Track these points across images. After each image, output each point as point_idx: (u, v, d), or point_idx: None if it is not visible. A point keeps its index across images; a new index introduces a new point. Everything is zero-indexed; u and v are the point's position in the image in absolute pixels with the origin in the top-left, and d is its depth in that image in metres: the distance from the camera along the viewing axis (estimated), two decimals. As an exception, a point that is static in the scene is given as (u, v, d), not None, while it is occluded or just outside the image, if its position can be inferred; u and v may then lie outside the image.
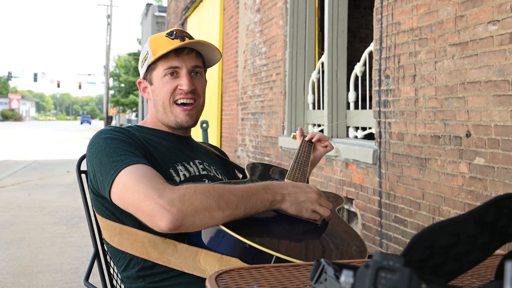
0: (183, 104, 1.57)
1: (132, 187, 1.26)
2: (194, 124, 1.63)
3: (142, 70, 1.64)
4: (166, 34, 1.58)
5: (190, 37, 1.59)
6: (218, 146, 8.94)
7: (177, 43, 1.53)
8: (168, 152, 1.55)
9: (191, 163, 1.57)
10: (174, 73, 1.56)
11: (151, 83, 1.61)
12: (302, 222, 1.36)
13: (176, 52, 1.55)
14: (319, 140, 1.89)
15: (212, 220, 1.22)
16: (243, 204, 1.26)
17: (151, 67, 1.59)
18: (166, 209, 1.19)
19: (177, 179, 1.48)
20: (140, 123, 1.69)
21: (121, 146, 1.38)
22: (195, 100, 1.59)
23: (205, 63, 1.67)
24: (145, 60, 1.60)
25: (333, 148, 1.91)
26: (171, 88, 1.56)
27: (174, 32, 1.58)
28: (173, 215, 1.19)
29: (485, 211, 0.69)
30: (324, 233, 1.36)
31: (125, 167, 1.30)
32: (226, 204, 1.23)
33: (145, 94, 1.67)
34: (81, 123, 78.13)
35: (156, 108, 1.61)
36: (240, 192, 1.27)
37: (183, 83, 1.54)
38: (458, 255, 0.70)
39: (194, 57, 1.58)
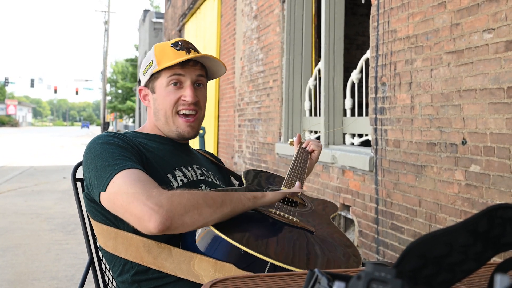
0: (185, 114, 1.57)
1: (123, 189, 1.27)
2: (195, 136, 1.64)
3: (144, 78, 1.64)
4: (172, 44, 1.58)
5: (195, 49, 1.59)
6: (215, 152, 8.94)
7: (182, 54, 1.54)
8: (166, 157, 1.55)
9: (189, 168, 1.58)
10: (177, 83, 1.56)
11: (153, 92, 1.61)
12: (297, 229, 1.36)
13: (182, 64, 1.55)
14: (313, 150, 1.92)
15: (201, 217, 1.24)
16: (229, 200, 1.30)
17: (154, 76, 1.59)
18: (154, 210, 1.20)
19: (174, 184, 1.48)
20: (137, 129, 1.69)
21: (117, 151, 1.39)
22: (196, 112, 1.59)
23: (208, 75, 1.67)
24: (149, 68, 1.60)
25: (321, 147, 1.93)
26: (175, 99, 1.56)
27: (180, 43, 1.58)
28: (162, 216, 1.20)
29: (478, 221, 0.69)
30: (318, 240, 1.36)
31: (120, 171, 1.31)
32: (213, 200, 1.27)
33: (145, 101, 1.67)
34: (82, 127, 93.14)
35: (156, 117, 1.61)
36: (223, 191, 1.35)
37: (187, 94, 1.55)
38: (451, 265, 0.70)
39: (198, 69, 1.59)
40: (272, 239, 1.32)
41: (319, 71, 5.02)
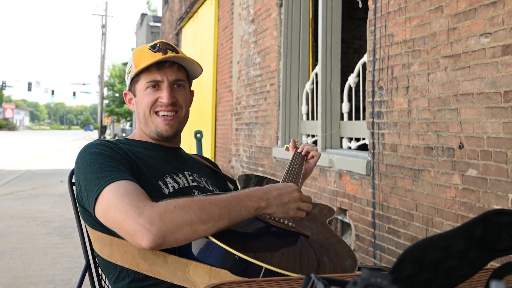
0: (164, 115, 1.58)
1: (114, 206, 1.26)
2: (175, 135, 1.63)
3: (127, 82, 1.67)
4: (150, 47, 1.59)
5: (174, 50, 1.59)
6: (212, 156, 8.94)
7: (159, 56, 1.54)
8: (156, 164, 1.55)
9: (180, 175, 1.58)
10: (156, 85, 1.57)
11: (135, 95, 1.63)
12: (293, 234, 1.36)
13: (158, 65, 1.56)
14: (308, 152, 1.90)
15: (195, 234, 1.22)
16: (227, 214, 1.25)
17: (134, 80, 1.61)
18: (146, 228, 1.19)
19: (166, 191, 1.48)
20: (128, 136, 1.70)
21: (106, 162, 1.38)
22: (176, 112, 1.60)
23: (189, 75, 1.68)
24: (129, 72, 1.62)
25: (320, 155, 1.91)
26: (152, 100, 1.57)
27: (158, 45, 1.59)
28: (153, 234, 1.19)
29: (474, 227, 0.69)
30: (314, 244, 1.36)
31: (108, 184, 1.30)
32: (208, 216, 1.23)
33: (130, 105, 1.69)
34: (85, 130, 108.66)
35: (139, 120, 1.64)
36: (222, 203, 1.26)
37: (164, 96, 1.56)
38: (447, 271, 0.70)
39: (175, 70, 1.59)
40: (267, 244, 1.31)
41: (316, 75, 5.02)
